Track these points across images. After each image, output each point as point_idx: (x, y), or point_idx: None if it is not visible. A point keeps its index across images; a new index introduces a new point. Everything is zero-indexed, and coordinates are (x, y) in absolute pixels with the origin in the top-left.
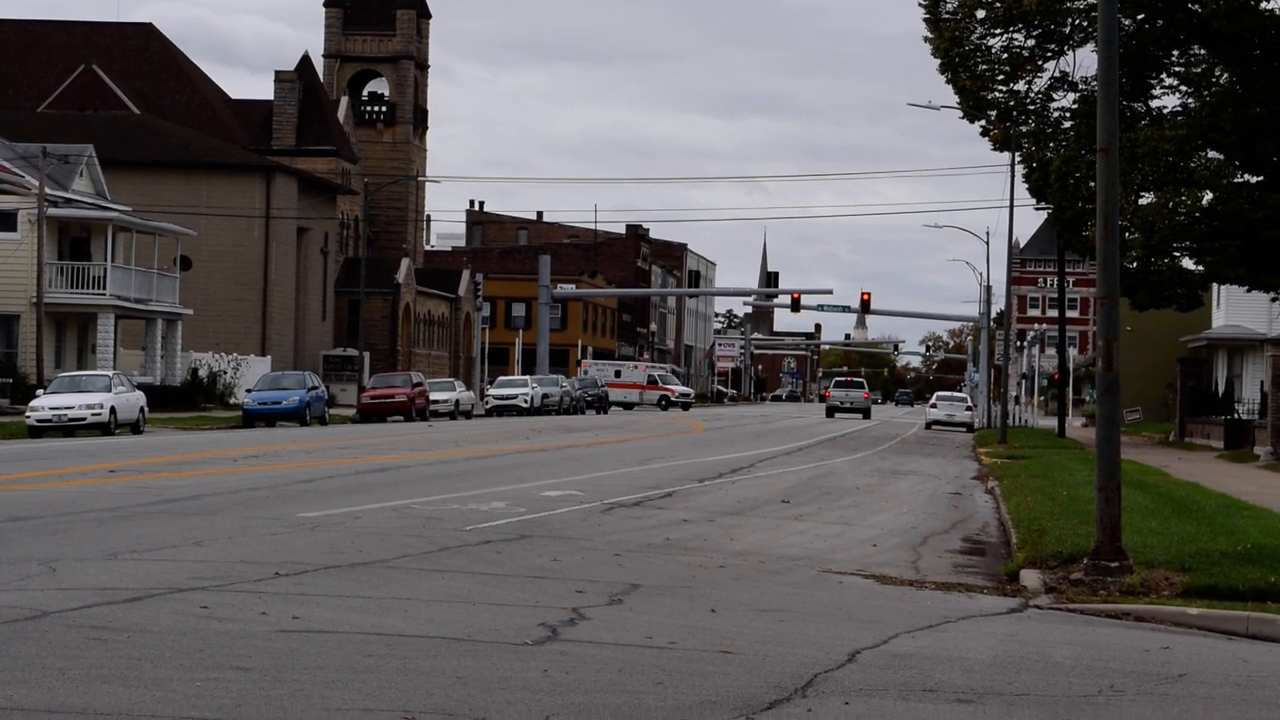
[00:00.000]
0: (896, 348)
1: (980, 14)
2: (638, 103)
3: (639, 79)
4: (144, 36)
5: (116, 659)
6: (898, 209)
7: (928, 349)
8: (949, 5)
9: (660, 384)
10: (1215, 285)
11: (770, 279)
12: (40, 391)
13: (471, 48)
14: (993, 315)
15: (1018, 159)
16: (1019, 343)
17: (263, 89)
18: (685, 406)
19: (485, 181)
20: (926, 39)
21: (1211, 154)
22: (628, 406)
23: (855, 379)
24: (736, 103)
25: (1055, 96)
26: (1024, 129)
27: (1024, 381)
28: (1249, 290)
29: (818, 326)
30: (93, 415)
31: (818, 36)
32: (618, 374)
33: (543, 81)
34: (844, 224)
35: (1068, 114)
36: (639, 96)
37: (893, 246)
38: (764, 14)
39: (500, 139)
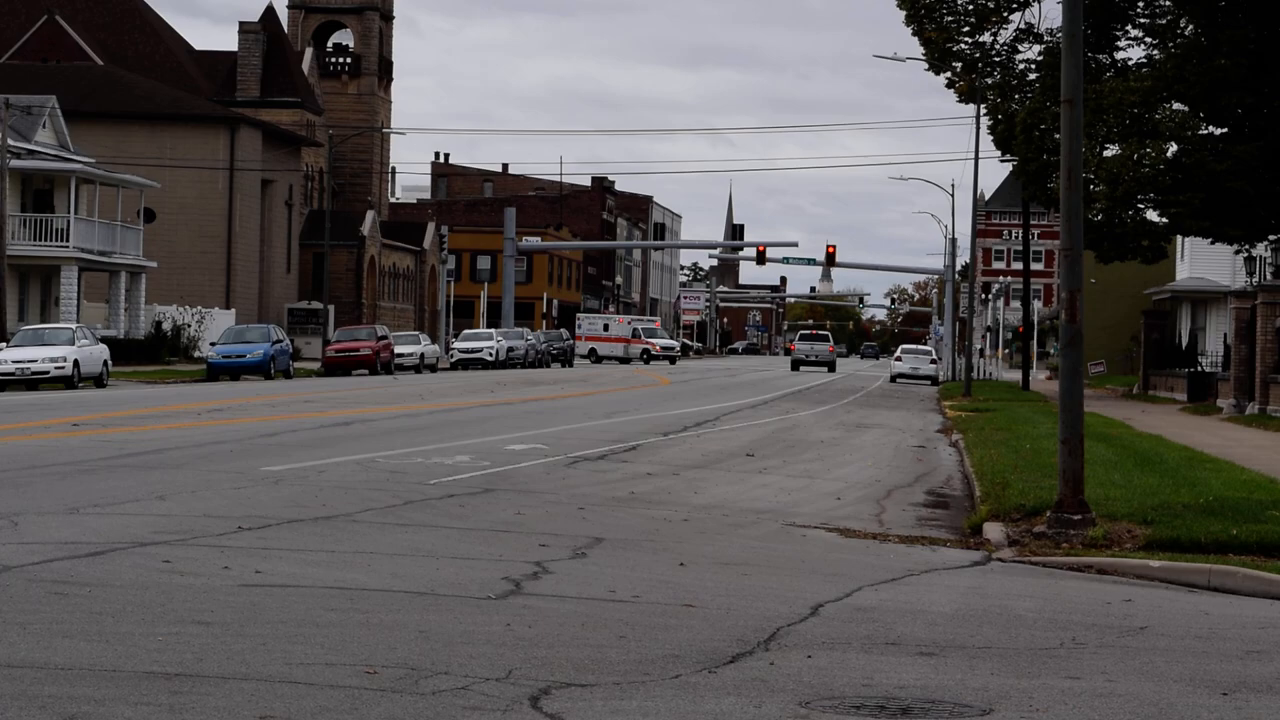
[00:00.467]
0: (862, 301)
1: None
2: (602, 55)
3: (603, 30)
4: None
5: (78, 613)
6: (863, 162)
7: (893, 302)
8: None
9: (643, 337)
10: (1179, 237)
11: (736, 232)
12: (2, 345)
13: None
14: (958, 268)
15: (983, 111)
16: (984, 295)
17: (226, 40)
18: (672, 360)
19: (450, 134)
20: None
21: (1176, 106)
22: (625, 360)
23: (820, 332)
24: (700, 54)
25: (1021, 48)
26: (989, 81)
27: (989, 334)
28: (1213, 242)
29: (783, 279)
30: (56, 369)
31: None
32: (605, 328)
33: (506, 33)
34: (808, 176)
35: (1033, 66)
36: (603, 49)
37: (857, 199)
38: None
39: (463, 91)
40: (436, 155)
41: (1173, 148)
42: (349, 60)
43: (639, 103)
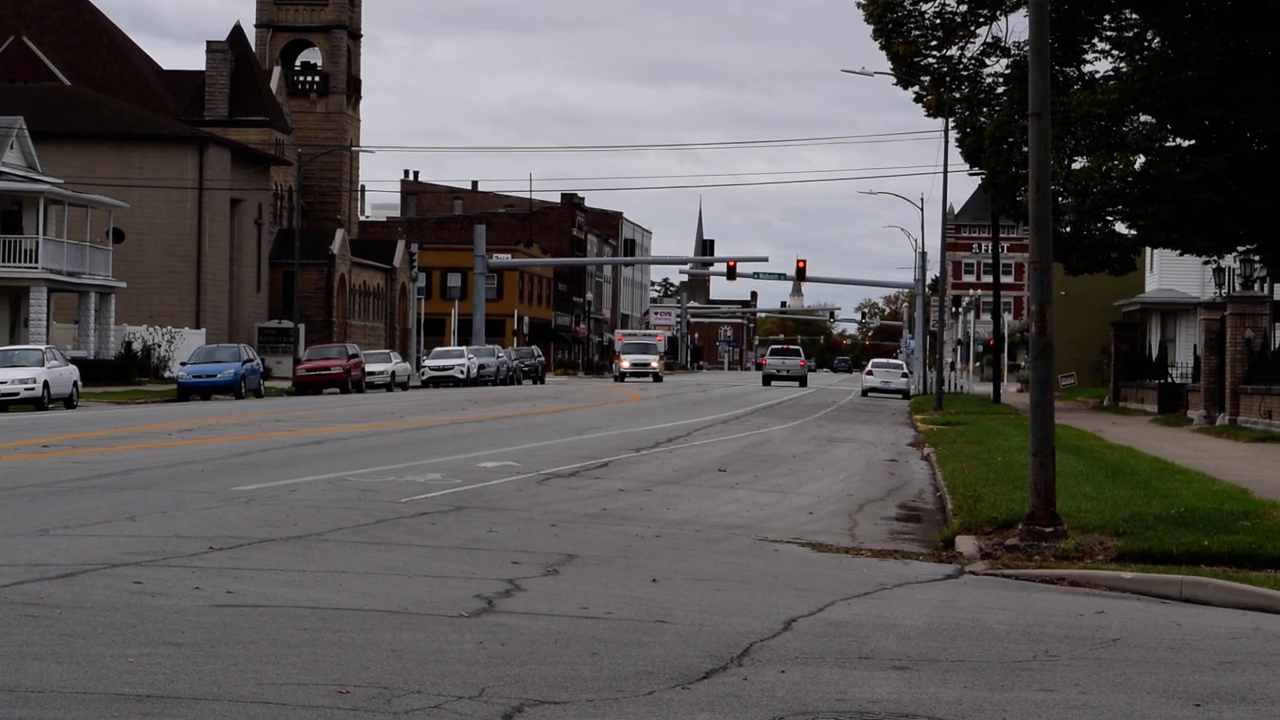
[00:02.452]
0: (833, 315)
1: None
2: (565, 71)
3: (564, 47)
4: (74, 7)
5: (48, 635)
6: (830, 176)
7: (864, 316)
8: None
9: (618, 353)
10: (1148, 249)
11: (706, 247)
12: None
13: (394, 17)
14: (928, 281)
15: (951, 125)
16: (954, 309)
17: (188, 59)
18: (653, 378)
19: (418, 151)
20: (860, 5)
21: (1144, 118)
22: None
23: (792, 347)
24: (663, 70)
25: (988, 62)
26: (957, 95)
27: (959, 347)
28: (1181, 254)
29: (754, 294)
30: (25, 390)
31: (740, 3)
32: (611, 344)
33: (468, 51)
34: (775, 191)
35: (1001, 79)
36: (565, 65)
37: (824, 214)
38: None
39: (427, 109)
40: (406, 173)
41: (1141, 160)
42: (317, 79)
43: (603, 119)
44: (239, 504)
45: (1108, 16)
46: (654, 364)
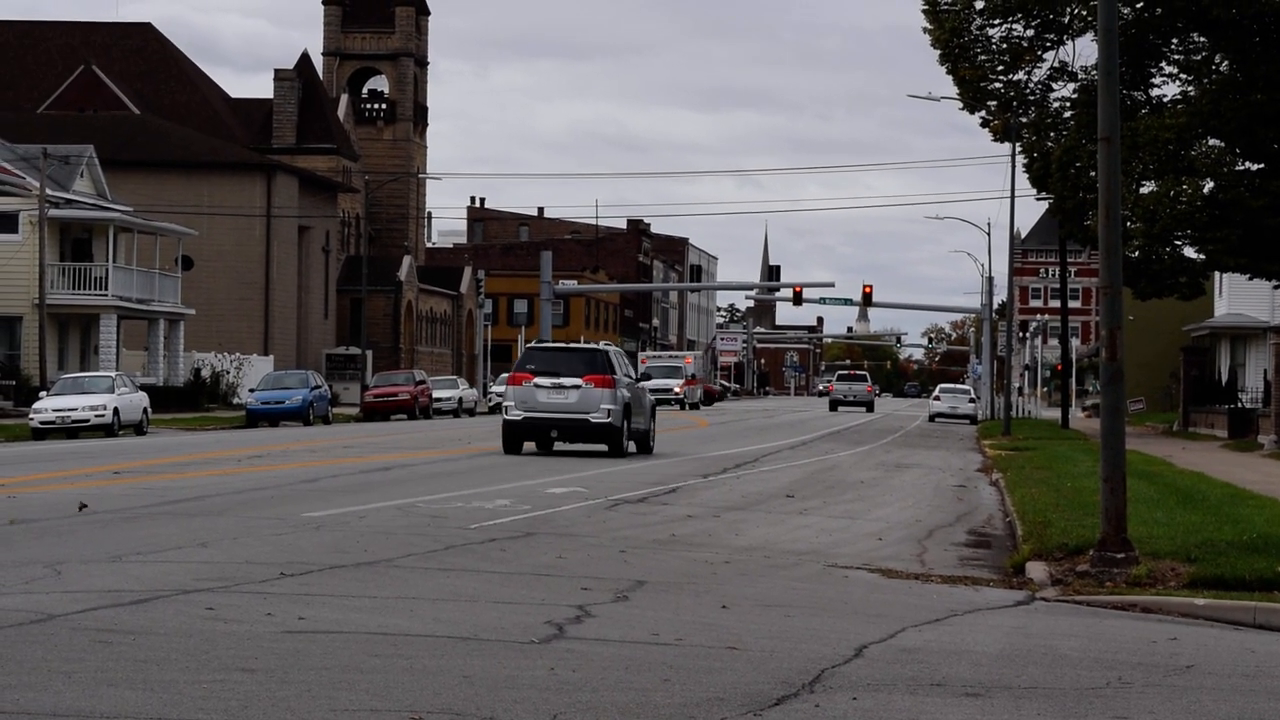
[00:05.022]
0: (899, 340)
1: (979, 4)
2: (620, 98)
3: (618, 73)
4: (142, 36)
5: (123, 661)
6: (893, 201)
7: (930, 341)
8: None
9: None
10: (1217, 274)
11: (772, 273)
12: (43, 393)
13: (451, 44)
14: (995, 306)
15: (1018, 149)
16: (1021, 334)
17: (247, 87)
18: (679, 405)
19: (481, 178)
20: (926, 30)
21: (1212, 142)
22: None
23: (858, 372)
24: (718, 96)
25: (1055, 86)
26: (1024, 119)
27: (1027, 373)
28: (1250, 278)
29: (820, 320)
30: (96, 417)
31: (792, 29)
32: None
33: (523, 78)
34: (836, 216)
35: (1068, 104)
36: (621, 91)
37: (887, 238)
38: (735, 6)
39: (487, 136)
40: (472, 199)
41: (1209, 184)
42: (384, 106)
43: (661, 145)
44: (309, 530)
45: (1175, 40)
46: (678, 389)
